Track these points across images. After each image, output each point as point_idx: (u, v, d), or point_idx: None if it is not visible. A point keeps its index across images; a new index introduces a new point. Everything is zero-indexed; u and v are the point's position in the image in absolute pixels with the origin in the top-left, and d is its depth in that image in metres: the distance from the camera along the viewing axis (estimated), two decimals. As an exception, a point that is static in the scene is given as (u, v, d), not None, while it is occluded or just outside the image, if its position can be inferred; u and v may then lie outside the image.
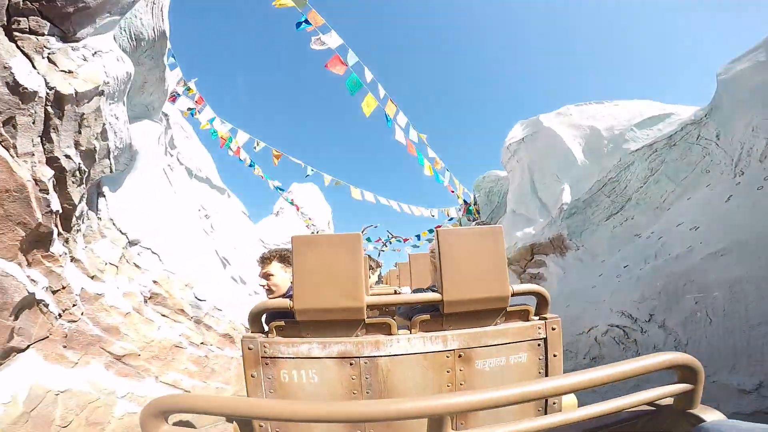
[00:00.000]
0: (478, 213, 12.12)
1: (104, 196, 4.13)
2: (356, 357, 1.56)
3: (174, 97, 8.66)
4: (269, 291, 2.26)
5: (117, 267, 4.05)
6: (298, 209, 14.26)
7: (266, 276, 2.26)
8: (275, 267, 2.26)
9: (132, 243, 4.35)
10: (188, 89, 9.16)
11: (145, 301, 4.33)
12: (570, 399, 1.85)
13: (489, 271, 1.65)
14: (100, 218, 4.03)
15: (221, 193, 10.29)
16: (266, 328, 1.66)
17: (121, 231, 4.18)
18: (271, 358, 1.56)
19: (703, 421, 1.05)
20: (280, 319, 1.63)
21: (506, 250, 6.58)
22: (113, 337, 3.72)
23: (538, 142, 8.45)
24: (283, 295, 2.19)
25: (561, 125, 7.91)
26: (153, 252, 4.61)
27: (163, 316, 4.48)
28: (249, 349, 1.57)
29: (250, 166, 11.60)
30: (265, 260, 2.30)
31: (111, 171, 3.98)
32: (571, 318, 5.64)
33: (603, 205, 6.53)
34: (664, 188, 5.60)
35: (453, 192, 10.64)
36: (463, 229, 1.78)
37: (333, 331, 1.61)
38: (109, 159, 3.90)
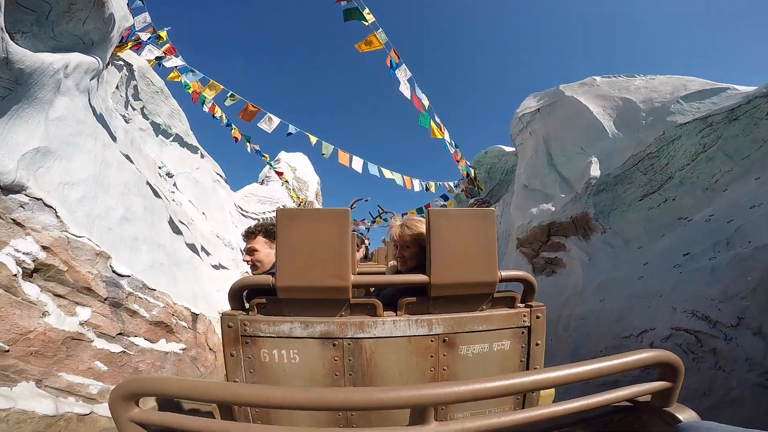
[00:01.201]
0: (479, 190, 11.00)
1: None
2: (339, 338, 1.51)
3: (139, 45, 7.47)
4: (253, 267, 2.21)
5: (-25, 223, 2.68)
6: (281, 176, 13.02)
7: (250, 251, 2.22)
8: (260, 242, 2.22)
9: (8, 190, 2.93)
10: (158, 37, 7.82)
11: (29, 275, 2.97)
12: (548, 390, 1.80)
13: (478, 255, 1.60)
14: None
15: (193, 152, 9.03)
16: (247, 306, 1.59)
17: (-14, 171, 2.78)
18: (251, 336, 1.50)
19: (678, 419, 1.07)
20: (261, 297, 1.56)
21: (518, 229, 5.49)
22: (-47, 328, 2.41)
23: (557, 113, 7.59)
24: (267, 272, 2.13)
25: (586, 95, 7.01)
26: (47, 205, 3.19)
27: (58, 296, 3.12)
28: (228, 327, 1.50)
29: (227, 125, 10.28)
30: (249, 235, 2.25)
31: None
32: (612, 316, 4.51)
33: (637, 182, 5.62)
34: (717, 167, 4.74)
35: (458, 161, 9.41)
36: (454, 211, 1.77)
37: (316, 310, 1.54)
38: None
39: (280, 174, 13.13)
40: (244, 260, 2.28)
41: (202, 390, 0.95)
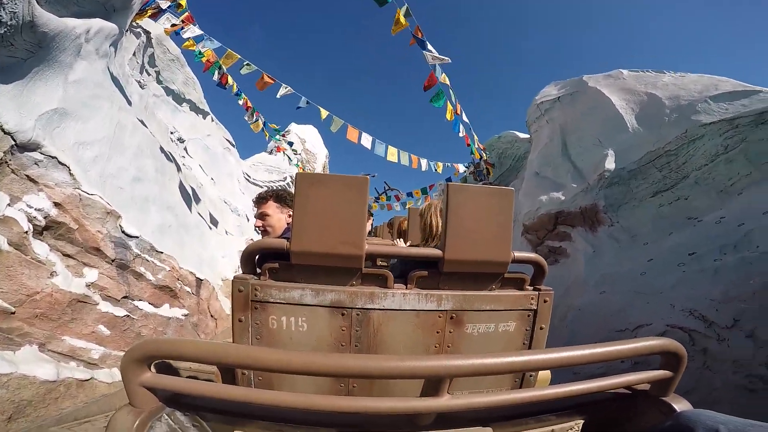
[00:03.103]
0: (489, 172, 10.91)
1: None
2: (349, 308, 1.50)
3: (157, 13, 7.34)
4: (264, 232, 2.22)
5: (-11, 178, 2.72)
6: (279, 150, 12.62)
7: (262, 216, 2.22)
8: (271, 207, 2.21)
9: (24, 147, 2.96)
10: (177, 5, 7.69)
11: (39, 233, 3.03)
12: (544, 373, 1.91)
13: (494, 233, 1.58)
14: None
15: (205, 120, 9.05)
16: (259, 270, 1.56)
17: (4, 129, 2.77)
18: (261, 302, 1.48)
19: (674, 409, 1.10)
20: (274, 261, 1.51)
21: (525, 215, 5.47)
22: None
23: (578, 103, 7.51)
24: (281, 237, 2.09)
25: (610, 88, 6.91)
26: (61, 163, 3.23)
27: (66, 256, 3.17)
28: (239, 291, 1.47)
29: (236, 95, 10.14)
30: (261, 200, 2.25)
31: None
32: (610, 309, 4.54)
33: (652, 179, 5.58)
34: (736, 170, 4.68)
35: (469, 145, 9.27)
36: (473, 187, 1.64)
37: (328, 277, 1.51)
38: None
39: (279, 149, 12.60)
40: (255, 225, 2.27)
41: (220, 353, 0.93)
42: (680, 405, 1.12)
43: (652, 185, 5.49)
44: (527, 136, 9.90)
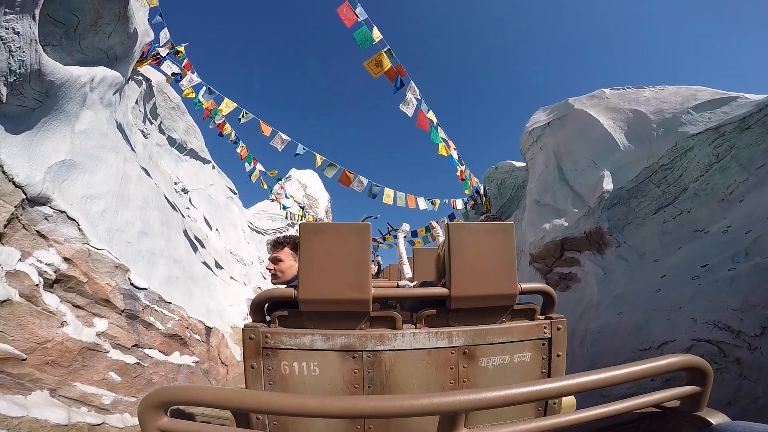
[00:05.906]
0: (490, 205, 10.96)
1: (-8, 134, 2.81)
2: (359, 350, 1.51)
3: (159, 60, 7.69)
4: (274, 276, 2.24)
5: (1, 234, 2.76)
6: (277, 200, 12.47)
7: (275, 260, 2.24)
8: (286, 253, 2.24)
9: (35, 201, 3.03)
10: (176, 52, 8.07)
11: (49, 286, 3.03)
12: (569, 399, 1.82)
13: (498, 267, 1.61)
14: (-21, 162, 2.73)
15: (208, 168, 9.23)
16: (268, 318, 1.60)
17: (15, 183, 2.87)
18: (272, 348, 1.51)
19: (710, 423, 1.07)
20: (283, 309, 1.57)
21: (531, 245, 5.45)
22: (-24, 336, 2.46)
23: (567, 126, 7.56)
24: (288, 283, 2.16)
25: (596, 108, 6.99)
26: (70, 218, 3.29)
27: (76, 306, 3.17)
28: (250, 338, 1.50)
29: (234, 143, 10.42)
30: (278, 245, 2.29)
31: (1, 101, 2.73)
32: (630, 329, 4.42)
33: (651, 195, 5.59)
34: (732, 177, 4.70)
35: (464, 180, 9.38)
36: (473, 225, 1.70)
37: (337, 322, 1.55)
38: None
39: (276, 198, 12.43)
40: (267, 268, 2.33)
41: (236, 399, 0.94)
42: (716, 418, 1.09)
43: (652, 202, 5.49)
44: (524, 164, 10.01)
